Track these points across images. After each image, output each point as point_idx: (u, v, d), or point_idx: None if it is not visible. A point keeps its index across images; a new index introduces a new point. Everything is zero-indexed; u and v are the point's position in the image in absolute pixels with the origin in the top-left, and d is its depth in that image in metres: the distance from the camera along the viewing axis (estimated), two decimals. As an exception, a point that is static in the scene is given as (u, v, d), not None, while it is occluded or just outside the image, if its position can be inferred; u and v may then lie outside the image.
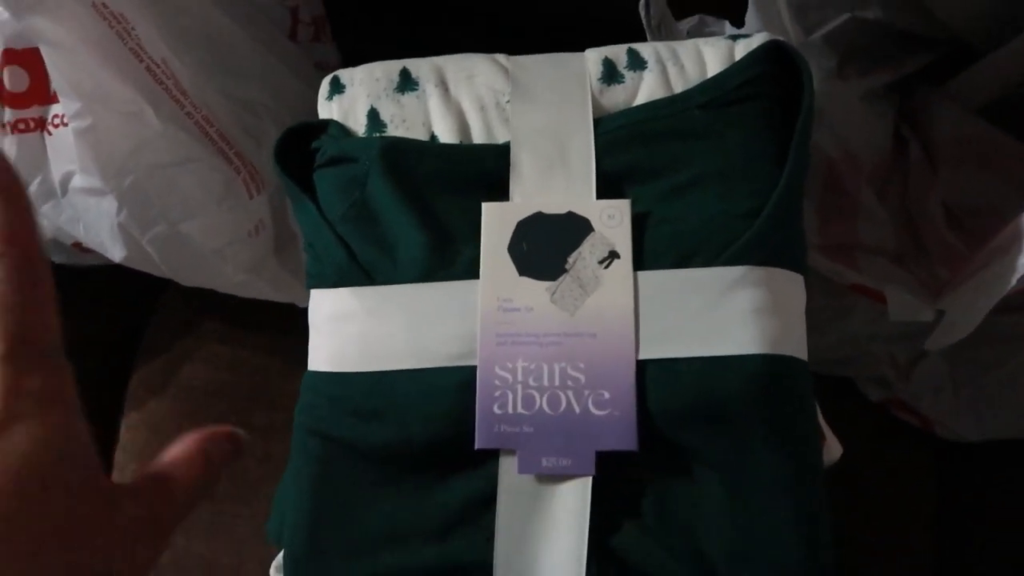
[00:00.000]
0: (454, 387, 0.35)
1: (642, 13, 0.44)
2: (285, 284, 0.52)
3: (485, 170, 0.37)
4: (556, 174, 0.37)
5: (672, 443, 0.34)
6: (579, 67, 0.39)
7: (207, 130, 0.46)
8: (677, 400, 0.33)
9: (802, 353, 0.35)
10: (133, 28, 0.43)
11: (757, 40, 0.38)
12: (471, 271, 0.36)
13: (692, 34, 0.50)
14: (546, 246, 0.36)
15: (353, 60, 0.42)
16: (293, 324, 0.55)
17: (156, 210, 0.45)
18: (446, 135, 0.39)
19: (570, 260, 0.36)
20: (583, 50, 0.40)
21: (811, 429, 0.35)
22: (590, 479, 0.33)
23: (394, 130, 0.39)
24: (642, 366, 0.34)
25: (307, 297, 0.53)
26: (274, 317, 0.59)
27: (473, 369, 0.35)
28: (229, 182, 0.47)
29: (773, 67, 0.37)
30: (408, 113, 0.39)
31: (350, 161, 0.38)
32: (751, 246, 0.34)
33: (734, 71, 0.37)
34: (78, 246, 0.53)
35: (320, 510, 0.36)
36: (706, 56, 0.39)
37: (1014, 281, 0.39)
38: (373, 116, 0.39)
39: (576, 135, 0.37)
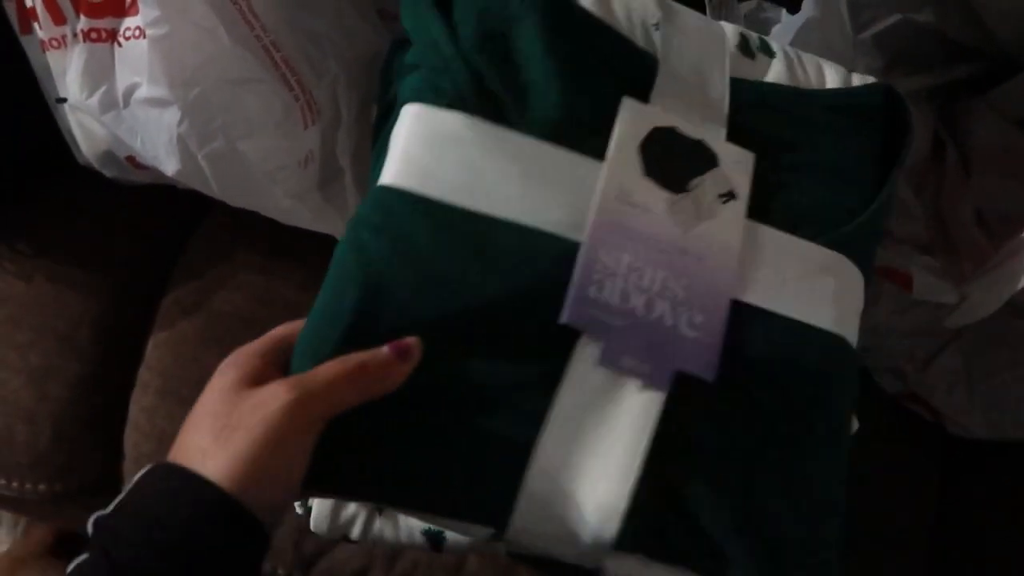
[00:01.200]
0: (556, 255, 0.33)
1: (705, -13, 0.46)
2: (327, 216, 0.53)
3: (633, 67, 0.38)
4: (694, 104, 0.38)
5: (745, 390, 0.34)
6: (719, 29, 0.41)
7: (273, 55, 0.48)
8: (763, 351, 0.35)
9: (856, 344, 0.38)
10: (217, -54, 0.45)
11: (870, 79, 0.42)
12: (597, 152, 0.35)
13: (750, 17, 0.52)
14: (675, 161, 0.37)
15: None
16: (319, 250, 0.57)
17: (217, 124, 0.47)
18: (593, 10, 0.38)
19: (693, 183, 0.36)
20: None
21: (849, 416, 0.38)
22: (663, 395, 0.33)
23: None
24: (738, 307, 0.35)
25: (342, 229, 0.54)
26: (312, 254, 0.60)
27: (578, 245, 0.34)
28: (288, 107, 0.49)
29: (887, 105, 0.41)
30: None
31: None
32: (850, 237, 0.37)
33: (861, 90, 0.41)
34: (132, 160, 0.55)
35: (352, 339, 0.32)
36: (826, 71, 0.42)
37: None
38: None
39: (715, 78, 0.39)
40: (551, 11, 0.36)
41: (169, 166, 0.50)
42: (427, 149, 0.34)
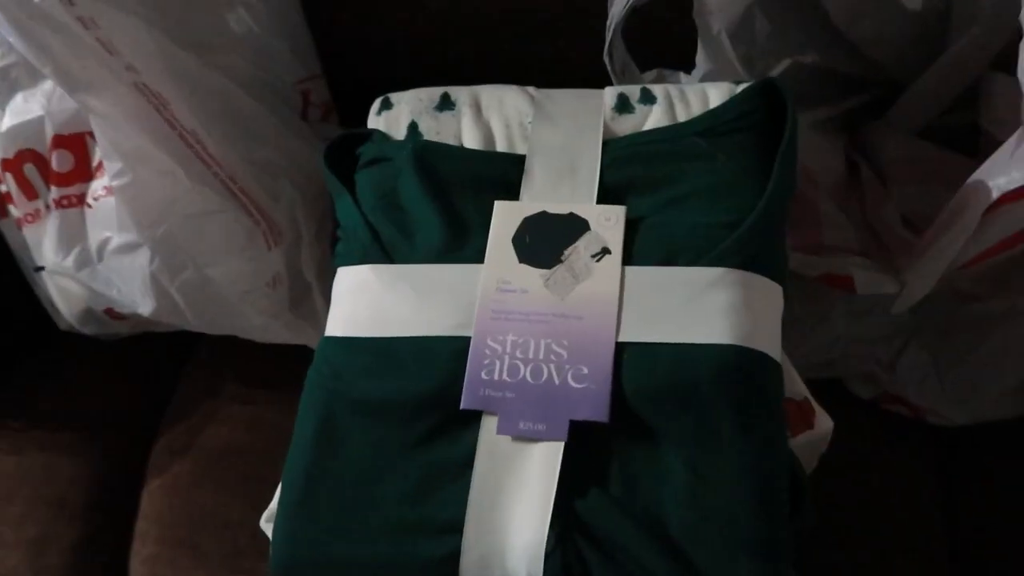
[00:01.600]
0: (450, 353, 0.39)
1: (606, 60, 0.51)
2: (301, 329, 0.56)
3: (502, 174, 0.43)
4: (564, 182, 0.43)
5: (642, 421, 0.37)
6: (596, 98, 0.46)
7: (231, 186, 0.52)
8: (650, 380, 0.37)
9: (774, 352, 0.39)
10: (168, 104, 0.50)
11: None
12: (478, 257, 0.41)
13: (654, 82, 0.57)
14: (546, 240, 0.41)
15: None
16: (297, 372, 0.59)
17: (185, 256, 0.50)
18: (472, 146, 0.45)
19: (566, 252, 0.40)
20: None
21: (776, 421, 0.38)
22: (562, 444, 0.36)
23: (429, 139, 0.45)
24: (621, 348, 0.37)
25: (319, 338, 0.56)
26: (290, 377, 0.62)
27: (468, 339, 0.39)
28: (250, 232, 0.52)
29: (764, 103, 0.43)
30: (443, 127, 0.46)
31: (387, 161, 0.45)
32: (730, 251, 0.39)
33: (730, 105, 0.43)
34: (111, 312, 0.58)
35: (317, 460, 0.39)
36: (710, 95, 0.45)
37: (959, 245, 0.43)
38: (412, 128, 0.46)
39: (585, 151, 0.43)
40: (424, 160, 0.44)
41: (146, 307, 0.53)
42: (348, 300, 0.42)
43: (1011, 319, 0.50)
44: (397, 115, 0.47)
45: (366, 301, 0.41)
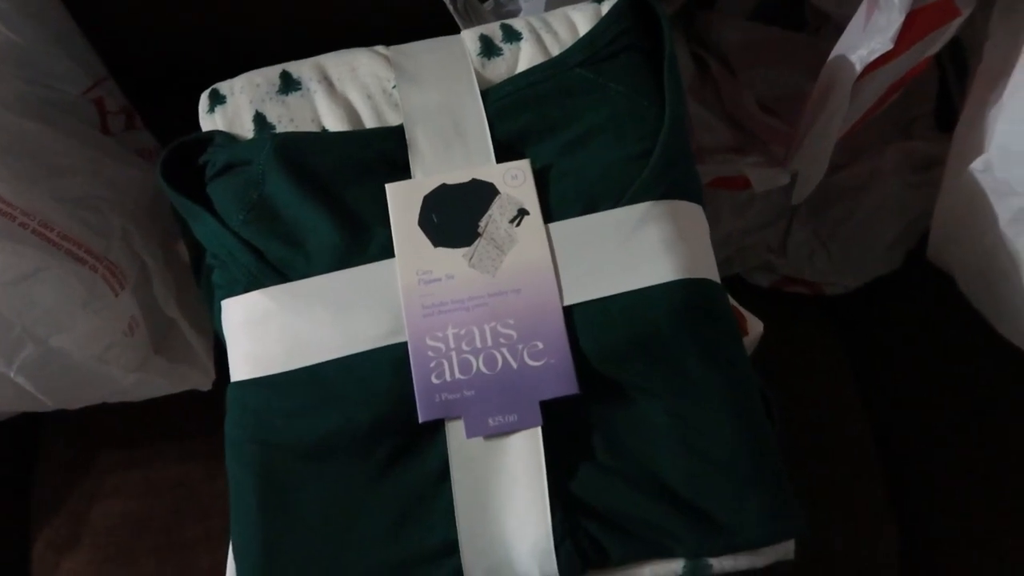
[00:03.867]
0: (389, 365, 0.35)
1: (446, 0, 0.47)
2: (179, 373, 0.49)
3: (383, 152, 0.38)
4: (454, 147, 0.38)
5: (612, 380, 0.35)
6: (458, 46, 0.41)
7: (48, 236, 0.43)
8: (608, 337, 0.35)
9: (714, 275, 0.37)
10: (-68, 153, 0.40)
11: None
12: (386, 251, 0.36)
13: (496, 12, 0.54)
14: (456, 215, 0.37)
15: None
16: (197, 419, 0.52)
17: (18, 332, 0.41)
18: (337, 126, 0.39)
19: (482, 224, 0.37)
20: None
21: (737, 343, 0.37)
22: (539, 429, 0.34)
23: (283, 129, 0.39)
24: (569, 311, 0.35)
25: (210, 379, 0.50)
26: (174, 421, 0.55)
27: (404, 345, 0.35)
28: (89, 283, 0.44)
29: (636, 18, 0.41)
30: (295, 112, 0.39)
31: (243, 165, 0.38)
32: (650, 183, 0.37)
33: (602, 28, 0.40)
34: (-70, 416, 0.47)
35: (270, 523, 0.34)
36: (576, 20, 0.41)
37: (837, 121, 0.45)
38: (259, 120, 0.39)
39: (467, 107, 0.39)
40: (290, 155, 0.38)
41: (-20, 401, 0.43)
42: (248, 336, 0.36)
43: (875, 180, 0.54)
44: (236, 108, 0.40)
45: (272, 331, 0.36)
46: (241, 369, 0.36)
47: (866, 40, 0.43)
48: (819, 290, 0.57)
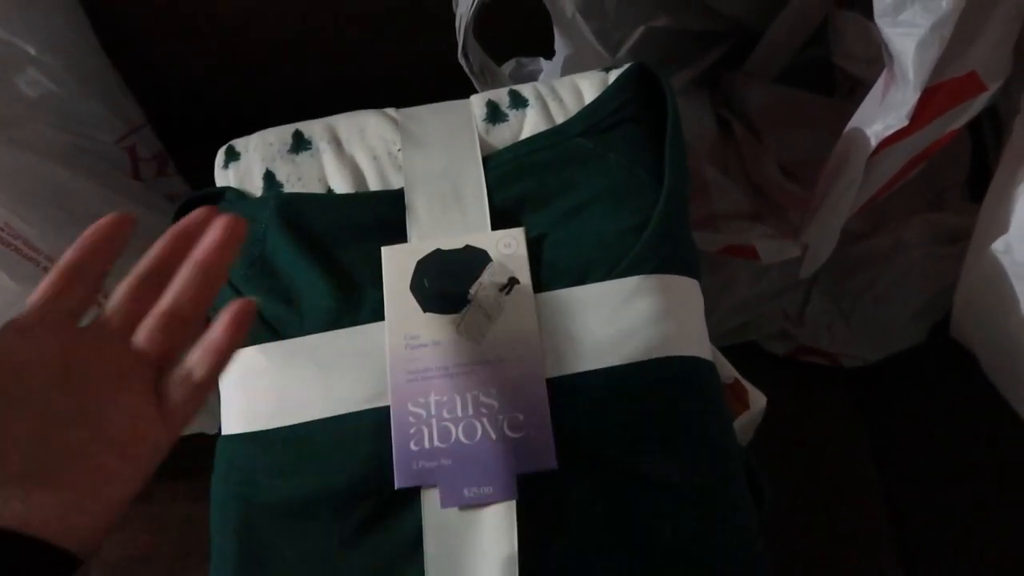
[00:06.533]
0: (370, 430, 0.35)
1: (462, 62, 0.48)
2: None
3: (382, 216, 0.39)
4: (451, 212, 0.39)
5: (592, 455, 0.34)
6: (464, 111, 0.42)
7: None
8: (590, 412, 0.34)
9: (705, 352, 0.37)
10: (-33, 199, 0.43)
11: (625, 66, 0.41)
12: (377, 314, 0.36)
13: (513, 76, 0.54)
14: (447, 281, 0.37)
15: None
16: (206, 461, 0.53)
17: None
18: (342, 187, 0.40)
19: (472, 291, 0.37)
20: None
21: (724, 423, 0.37)
22: (514, 503, 0.33)
23: (290, 188, 0.40)
24: (552, 384, 0.35)
25: (216, 423, 0.51)
26: (185, 461, 0.56)
27: (387, 409, 0.35)
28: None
29: (640, 89, 0.41)
30: (303, 171, 0.41)
31: (248, 222, 0.39)
32: (642, 256, 0.36)
33: (606, 98, 0.40)
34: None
35: None
36: (582, 88, 0.42)
37: (851, 196, 0.44)
38: (269, 178, 0.41)
39: (467, 173, 0.39)
40: (291, 215, 0.39)
41: None
42: (241, 390, 0.37)
43: (899, 252, 0.52)
44: (248, 165, 0.42)
45: (262, 388, 0.37)
46: (231, 423, 0.37)
47: (882, 115, 0.42)
48: (836, 361, 0.55)
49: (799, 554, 0.52)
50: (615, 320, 0.35)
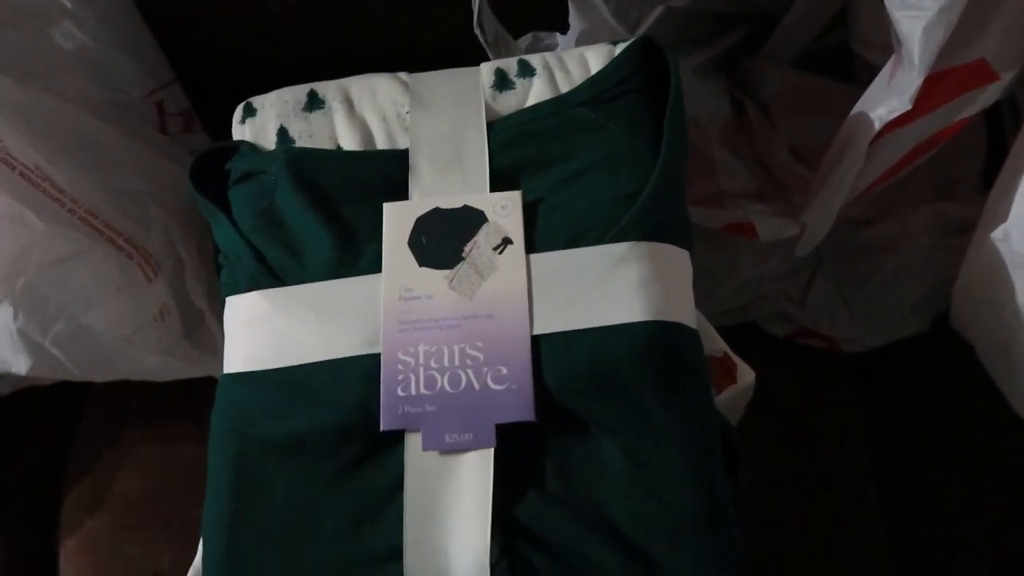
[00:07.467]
0: (361, 374, 0.36)
1: (478, 32, 0.49)
2: (201, 360, 0.52)
3: (386, 174, 0.40)
4: (452, 173, 0.40)
5: (570, 412, 0.36)
6: (473, 78, 0.43)
7: (92, 223, 0.47)
8: (571, 370, 0.35)
9: (690, 320, 0.38)
10: (1, 140, 0.45)
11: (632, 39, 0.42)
12: (375, 266, 0.38)
13: (529, 50, 0.55)
14: (444, 238, 0.38)
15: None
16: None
17: (53, 307, 0.46)
18: (351, 145, 0.42)
19: (466, 249, 0.38)
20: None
21: (703, 390, 0.37)
22: (491, 451, 0.35)
23: (302, 144, 0.42)
24: (537, 341, 0.36)
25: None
26: (198, 407, 0.58)
27: (378, 356, 0.36)
28: (124, 269, 0.48)
29: (645, 63, 0.42)
30: (315, 129, 0.42)
31: (260, 174, 0.41)
32: (633, 223, 0.37)
33: (611, 69, 0.41)
34: (-18, 375, 0.52)
35: (237, 509, 0.36)
36: (589, 60, 0.43)
37: (851, 179, 0.44)
38: (282, 133, 0.42)
39: (470, 137, 0.41)
40: (300, 170, 0.40)
41: (20, 365, 0.48)
42: (244, 332, 0.39)
43: (903, 239, 0.52)
44: (263, 121, 0.43)
45: (263, 330, 0.38)
46: (233, 363, 0.39)
47: (887, 99, 0.42)
48: (835, 346, 0.55)
49: (789, 538, 0.53)
50: (602, 283, 0.36)
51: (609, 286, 0.36)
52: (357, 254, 0.39)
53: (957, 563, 0.53)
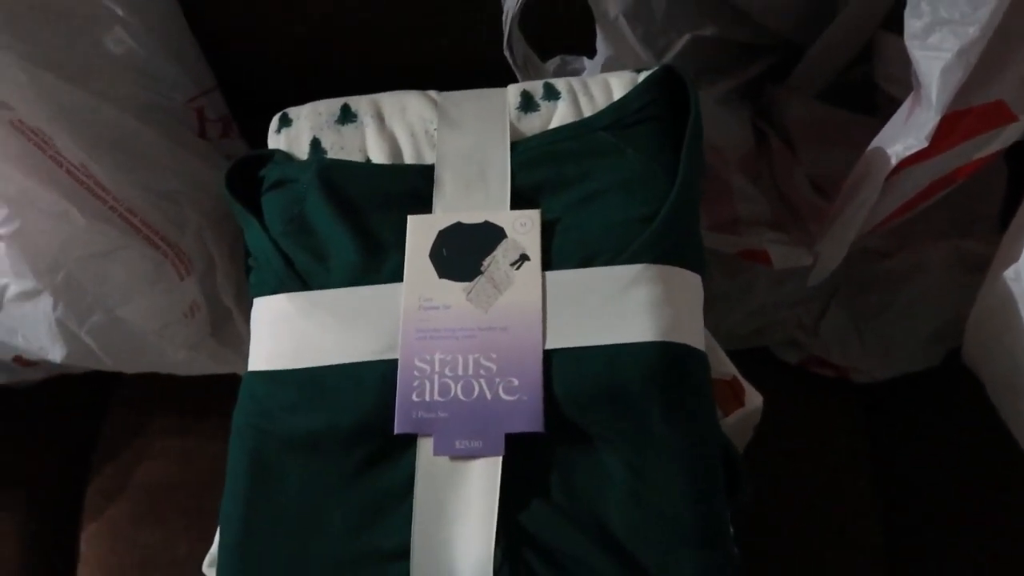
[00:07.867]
0: (378, 378, 0.38)
1: (507, 54, 0.50)
2: (226, 357, 0.54)
3: (412, 187, 0.42)
4: (475, 190, 0.42)
5: (577, 426, 0.37)
6: (499, 98, 0.45)
7: (131, 220, 0.49)
8: (580, 385, 0.37)
9: (698, 343, 0.39)
10: (50, 139, 0.47)
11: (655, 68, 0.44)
12: (397, 275, 0.40)
13: (556, 73, 0.57)
14: (464, 252, 0.40)
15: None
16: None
17: (91, 299, 0.48)
18: (380, 158, 0.44)
19: (485, 263, 0.40)
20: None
21: (707, 410, 0.38)
22: (500, 459, 0.36)
23: (333, 155, 0.44)
24: (549, 355, 0.37)
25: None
26: (219, 404, 0.60)
27: (395, 362, 0.38)
28: (158, 265, 0.50)
29: (666, 91, 0.43)
30: (346, 141, 0.44)
31: (292, 183, 0.43)
32: (646, 246, 0.39)
33: (633, 96, 0.43)
34: (20, 360, 0.55)
35: (253, 501, 0.38)
36: (613, 86, 0.44)
37: (866, 211, 0.45)
38: (315, 145, 0.45)
39: (494, 155, 0.43)
40: (330, 180, 0.42)
41: (56, 353, 0.50)
42: (268, 332, 0.41)
43: (919, 273, 0.53)
44: (298, 132, 0.45)
45: (286, 332, 0.40)
46: (257, 361, 0.41)
47: (903, 136, 0.43)
48: (846, 375, 0.56)
49: (789, 561, 0.53)
50: (614, 303, 0.38)
51: (621, 306, 0.37)
52: (380, 262, 0.40)
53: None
